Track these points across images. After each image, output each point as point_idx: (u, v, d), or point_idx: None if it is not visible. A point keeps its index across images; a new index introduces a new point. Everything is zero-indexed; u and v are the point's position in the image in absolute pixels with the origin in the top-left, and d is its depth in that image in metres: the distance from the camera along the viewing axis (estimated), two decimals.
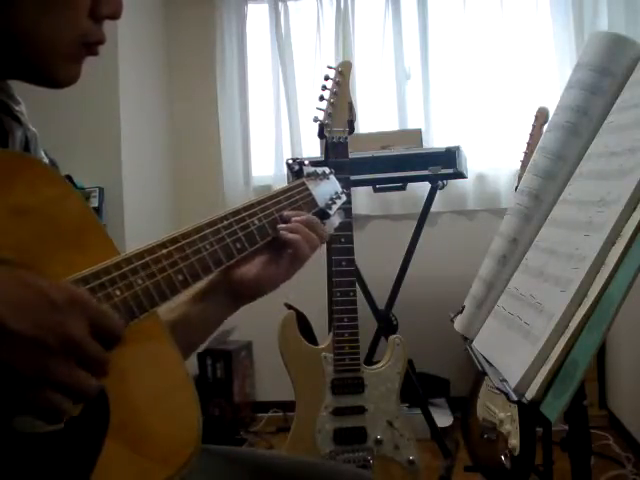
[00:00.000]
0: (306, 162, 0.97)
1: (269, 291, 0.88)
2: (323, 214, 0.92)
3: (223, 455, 0.96)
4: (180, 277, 0.67)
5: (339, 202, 0.97)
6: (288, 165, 2.09)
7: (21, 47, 0.65)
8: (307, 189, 0.92)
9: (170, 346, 0.65)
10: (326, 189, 0.96)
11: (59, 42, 0.65)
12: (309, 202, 0.90)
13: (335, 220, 0.95)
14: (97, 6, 0.67)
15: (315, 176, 0.96)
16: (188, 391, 0.63)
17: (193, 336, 0.88)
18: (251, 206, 0.81)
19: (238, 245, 0.76)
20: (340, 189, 1.00)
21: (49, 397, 0.49)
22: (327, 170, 0.99)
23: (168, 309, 0.82)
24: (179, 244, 0.69)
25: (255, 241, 0.79)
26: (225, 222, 0.76)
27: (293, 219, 0.85)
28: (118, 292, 0.59)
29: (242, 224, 0.78)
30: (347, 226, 1.67)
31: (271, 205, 0.84)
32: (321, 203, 0.93)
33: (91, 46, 0.69)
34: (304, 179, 0.93)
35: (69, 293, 0.52)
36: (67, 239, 0.60)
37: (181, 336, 0.82)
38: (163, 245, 0.67)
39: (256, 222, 0.80)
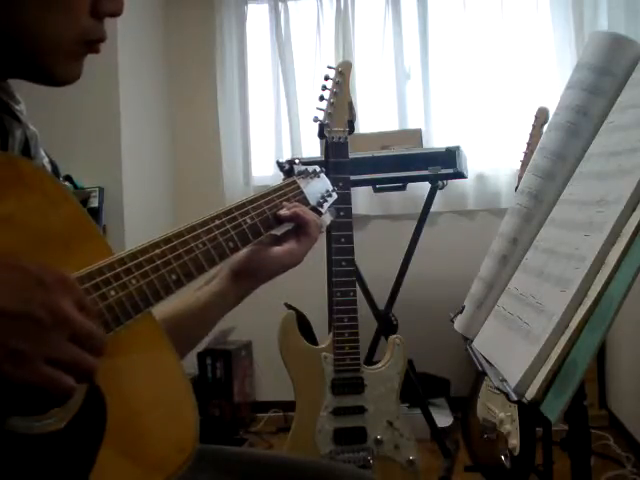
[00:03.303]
0: (297, 161, 0.98)
1: (274, 274, 0.89)
2: (315, 212, 0.92)
3: (223, 455, 0.96)
4: (174, 277, 0.67)
5: (330, 200, 0.97)
6: (278, 164, 2.10)
7: (22, 45, 0.65)
8: (298, 187, 0.92)
9: (167, 349, 0.65)
10: (317, 187, 0.97)
11: (61, 40, 0.65)
12: (301, 200, 0.91)
13: (326, 218, 0.96)
14: (98, 4, 0.67)
15: (306, 174, 0.96)
16: (186, 394, 0.63)
17: (197, 328, 0.89)
18: (243, 205, 0.81)
19: (231, 244, 0.77)
20: (331, 187, 1.00)
21: (49, 372, 0.49)
22: (317, 168, 0.99)
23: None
24: (172, 244, 0.69)
25: (248, 240, 0.80)
26: (217, 221, 0.76)
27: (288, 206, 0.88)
28: (113, 292, 0.60)
29: (234, 223, 0.78)
30: (347, 226, 1.67)
31: (263, 204, 0.84)
32: (312, 201, 0.93)
33: (92, 44, 0.69)
34: (295, 177, 0.94)
35: (55, 273, 0.52)
36: (60, 244, 0.60)
37: (185, 332, 0.84)
38: (156, 245, 0.67)
39: (248, 221, 0.81)
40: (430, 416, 2.36)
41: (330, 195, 0.98)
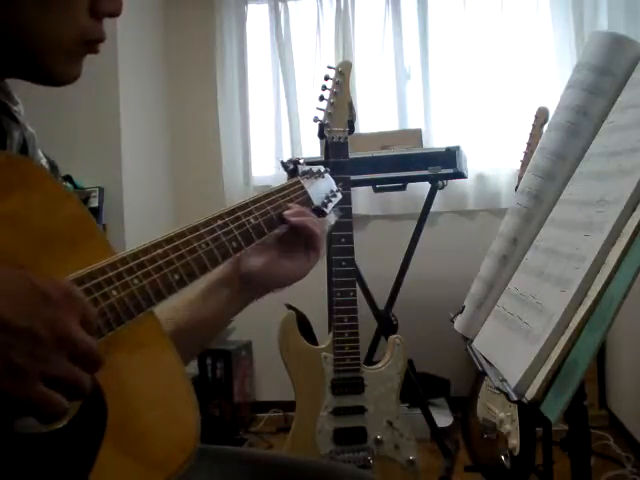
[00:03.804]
0: (301, 161, 0.97)
1: (283, 286, 0.89)
2: (319, 212, 0.92)
3: (223, 455, 0.96)
4: (176, 276, 0.67)
5: (335, 200, 0.97)
6: (283, 164, 2.10)
7: (22, 45, 0.65)
8: (302, 187, 0.91)
9: (168, 348, 0.64)
10: (321, 187, 0.96)
11: (60, 40, 0.65)
12: (304, 201, 0.90)
13: (331, 219, 0.95)
14: (97, 4, 0.67)
15: (310, 175, 0.95)
16: (187, 393, 0.63)
17: (205, 334, 0.89)
18: (246, 205, 0.81)
19: (234, 244, 0.76)
20: (336, 187, 0.99)
21: (44, 392, 0.49)
22: (322, 168, 0.99)
23: (174, 310, 0.83)
24: (174, 243, 0.68)
25: (251, 240, 0.79)
26: (220, 221, 0.76)
27: (300, 215, 0.87)
28: (115, 292, 0.59)
29: (238, 223, 0.78)
30: (347, 226, 1.67)
31: (267, 204, 0.84)
32: (317, 201, 0.92)
33: (91, 44, 0.69)
34: (299, 178, 0.93)
35: (63, 288, 0.52)
36: (61, 243, 0.60)
37: (193, 337, 0.83)
38: (158, 245, 0.67)
39: (252, 221, 0.80)
40: (430, 416, 2.36)
41: (335, 195, 0.97)
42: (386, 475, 1.70)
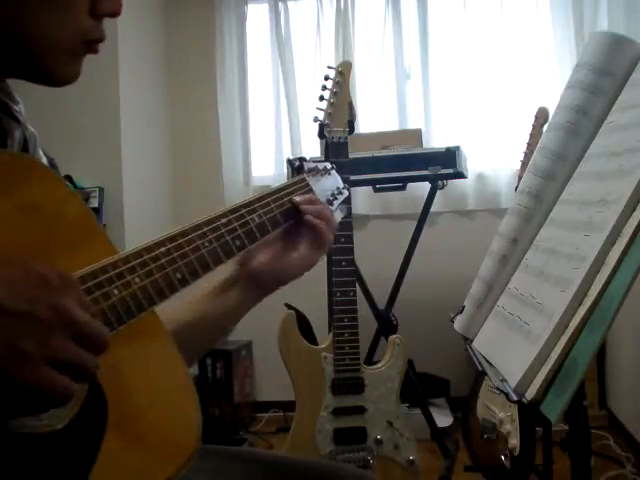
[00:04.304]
0: (307, 158, 0.97)
1: (290, 279, 0.89)
2: None
3: (223, 455, 0.96)
4: (179, 275, 0.66)
5: (341, 197, 0.96)
6: (289, 162, 2.09)
7: (21, 45, 0.65)
8: (308, 185, 0.91)
9: (169, 344, 0.64)
10: (327, 185, 0.96)
11: (60, 40, 0.65)
12: None
13: (337, 216, 0.95)
14: (97, 4, 0.67)
15: (316, 172, 0.95)
16: (188, 390, 0.63)
17: (212, 333, 0.89)
18: (250, 203, 0.80)
19: (237, 242, 0.76)
20: (342, 184, 0.99)
21: (50, 375, 0.49)
22: (328, 165, 0.98)
23: (184, 307, 0.83)
24: (177, 242, 0.68)
25: (255, 238, 0.79)
26: (224, 220, 0.75)
27: (309, 203, 0.86)
28: (116, 291, 0.59)
29: (242, 221, 0.77)
30: (347, 226, 1.67)
31: (271, 202, 0.83)
32: (322, 199, 0.92)
33: (91, 44, 0.69)
34: (305, 175, 0.93)
35: (60, 273, 0.52)
36: (66, 240, 0.60)
37: (198, 336, 0.83)
38: (161, 243, 0.66)
39: (256, 219, 0.79)
40: (430, 416, 2.36)
41: (341, 193, 0.97)
42: (386, 475, 1.70)
